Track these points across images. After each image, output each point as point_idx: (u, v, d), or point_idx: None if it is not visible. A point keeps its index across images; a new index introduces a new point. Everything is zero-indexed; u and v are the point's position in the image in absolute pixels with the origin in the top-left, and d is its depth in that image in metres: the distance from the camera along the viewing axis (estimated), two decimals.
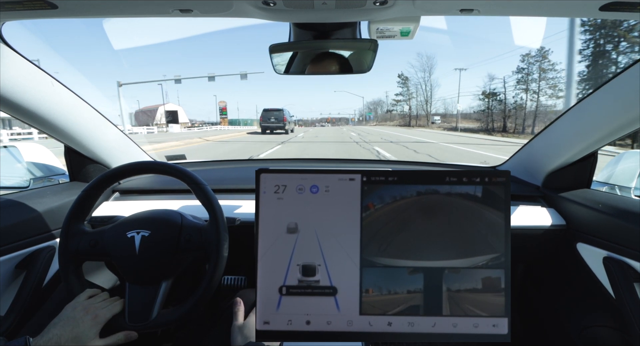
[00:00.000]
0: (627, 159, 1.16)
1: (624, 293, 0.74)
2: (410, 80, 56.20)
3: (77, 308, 0.61)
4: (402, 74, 58.08)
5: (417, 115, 54.67)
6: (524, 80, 31.29)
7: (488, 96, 34.78)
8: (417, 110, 54.53)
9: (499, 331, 0.50)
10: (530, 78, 30.90)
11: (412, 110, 55.84)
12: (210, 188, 0.72)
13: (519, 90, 31.67)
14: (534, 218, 0.94)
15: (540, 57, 30.22)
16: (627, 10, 0.58)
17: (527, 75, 31.06)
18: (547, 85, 29.70)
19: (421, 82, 54.60)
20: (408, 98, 56.87)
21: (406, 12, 0.65)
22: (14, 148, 1.17)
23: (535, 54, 30.38)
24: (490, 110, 34.27)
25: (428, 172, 0.52)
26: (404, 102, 58.05)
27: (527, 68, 31.11)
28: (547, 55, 29.78)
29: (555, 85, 29.08)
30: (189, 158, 1.58)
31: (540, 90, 30.02)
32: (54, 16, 0.65)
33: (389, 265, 0.51)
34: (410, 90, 56.34)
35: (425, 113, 52.29)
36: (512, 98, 32.52)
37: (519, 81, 31.69)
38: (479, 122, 36.69)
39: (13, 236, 0.78)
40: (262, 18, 0.68)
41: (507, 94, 33.00)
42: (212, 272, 0.67)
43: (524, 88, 31.17)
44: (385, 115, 74.10)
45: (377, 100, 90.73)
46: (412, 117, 55.46)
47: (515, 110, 31.59)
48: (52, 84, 0.84)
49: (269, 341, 0.53)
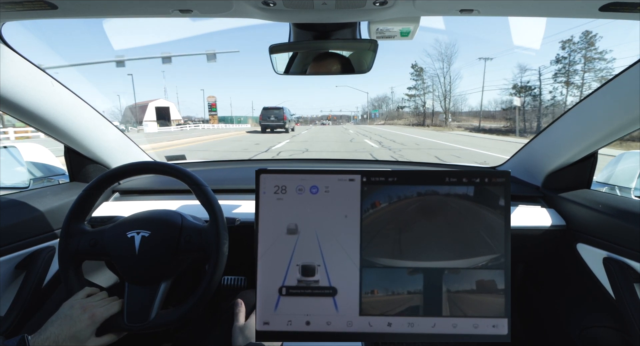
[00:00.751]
0: (627, 159, 1.16)
1: (624, 293, 0.74)
2: (425, 72, 47.43)
3: (74, 306, 0.61)
4: (416, 65, 48.28)
5: (432, 112, 44.99)
6: (565, 72, 26.59)
7: (521, 90, 29.40)
8: (433, 107, 45.29)
9: (499, 331, 0.50)
10: (572, 69, 26.24)
11: (426, 106, 46.72)
12: (210, 189, 0.72)
13: (558, 84, 26.94)
14: (534, 219, 0.94)
15: (586, 44, 25.40)
16: (627, 10, 0.58)
17: (569, 66, 26.40)
18: (595, 77, 24.74)
19: (439, 74, 47.49)
20: (423, 93, 47.57)
21: (406, 13, 0.65)
22: (14, 148, 1.17)
23: (579, 40, 25.76)
24: (522, 108, 27.83)
25: (428, 172, 0.52)
26: (418, 97, 48.56)
27: (569, 57, 26.28)
28: (595, 41, 24.99)
29: (605, 77, 23.46)
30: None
31: (584, 83, 25.48)
32: (54, 16, 0.65)
33: (388, 265, 0.51)
34: (425, 83, 47.17)
35: (443, 110, 42.64)
36: (549, 93, 27.88)
37: (558, 73, 26.92)
38: (506, 120, 30.73)
39: (13, 236, 0.78)
40: (262, 18, 0.68)
41: (543, 88, 28.00)
42: (212, 273, 0.67)
43: (564, 81, 26.57)
44: (392, 113, 66.19)
45: (381, 96, 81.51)
46: (427, 115, 45.85)
47: (554, 108, 26.94)
48: (52, 84, 0.84)
49: (269, 342, 0.53)
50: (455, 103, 46.18)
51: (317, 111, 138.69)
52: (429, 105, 46.22)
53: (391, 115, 66.65)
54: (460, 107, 47.50)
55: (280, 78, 10.71)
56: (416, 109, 49.69)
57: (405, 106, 54.34)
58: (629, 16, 0.61)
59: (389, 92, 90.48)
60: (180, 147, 12.41)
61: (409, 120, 52.22)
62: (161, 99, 56.91)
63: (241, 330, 0.67)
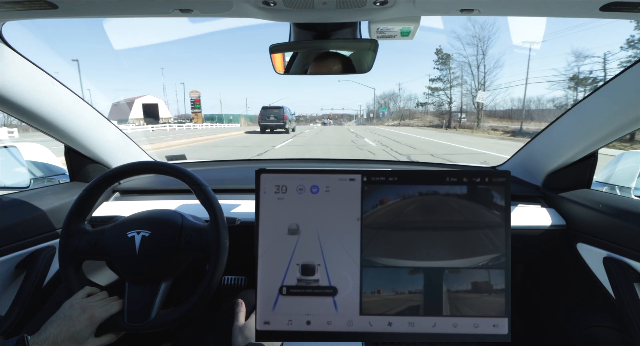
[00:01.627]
0: (627, 159, 1.16)
1: (624, 293, 0.74)
2: (453, 60, 36.37)
3: (74, 306, 0.61)
4: (440, 50, 37.03)
5: (460, 110, 34.34)
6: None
7: (581, 82, 23.32)
8: (461, 103, 34.54)
9: (499, 331, 0.50)
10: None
11: (452, 103, 35.52)
12: (210, 189, 0.72)
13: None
14: (534, 219, 0.94)
15: None
16: (628, 10, 0.58)
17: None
18: None
19: (470, 63, 35.87)
20: (449, 86, 36.18)
21: (406, 12, 0.65)
22: (14, 148, 1.17)
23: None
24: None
25: (428, 172, 0.52)
26: (443, 91, 36.85)
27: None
28: None
29: None
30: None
31: None
32: (54, 16, 0.65)
33: (389, 265, 0.51)
34: (453, 73, 35.83)
35: (477, 109, 31.81)
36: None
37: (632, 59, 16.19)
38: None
39: (13, 236, 0.78)
40: (262, 18, 0.68)
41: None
42: (212, 273, 0.67)
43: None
44: (404, 112, 55.87)
45: (387, 93, 71.55)
46: (450, 114, 35.14)
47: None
48: (52, 84, 0.84)
49: (269, 342, 0.53)
50: (494, 99, 35.10)
51: (317, 109, 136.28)
52: (455, 100, 35.18)
53: (401, 114, 56.60)
54: (498, 103, 36.55)
55: (277, 75, 10.32)
56: (440, 106, 37.94)
57: (426, 103, 42.27)
58: (629, 16, 0.61)
59: (397, 89, 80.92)
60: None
61: (425, 121, 42.95)
62: (149, 95, 52.61)
63: (241, 330, 0.68)
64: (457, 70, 36.45)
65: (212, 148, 10.77)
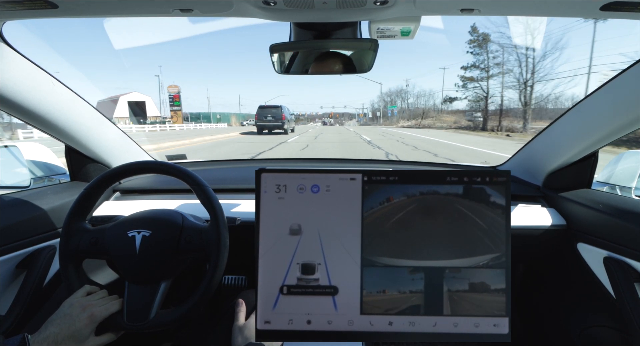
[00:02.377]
0: (627, 159, 1.16)
1: (625, 293, 0.74)
2: (492, 42, 26.37)
3: (74, 305, 0.61)
4: (475, 28, 27.36)
5: (500, 110, 24.92)
6: None
7: None
8: (502, 100, 24.73)
9: (500, 331, 0.50)
10: None
11: (487, 97, 26.06)
12: (211, 189, 0.72)
13: None
14: (535, 218, 0.94)
15: None
16: (628, 10, 0.58)
17: None
18: None
19: (515, 47, 24.14)
20: (487, 76, 26.86)
21: (407, 12, 0.65)
22: (14, 147, 1.17)
23: None
24: None
25: (429, 171, 0.52)
26: (478, 83, 27.47)
27: None
28: None
29: None
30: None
31: None
32: (54, 16, 0.65)
33: (389, 264, 0.51)
34: (491, 59, 26.14)
35: (524, 107, 22.66)
36: None
37: None
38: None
39: (14, 235, 0.78)
40: (262, 18, 0.68)
41: None
42: (212, 272, 0.67)
43: None
44: (416, 112, 47.24)
45: (394, 90, 63.95)
46: (490, 115, 25.85)
47: None
48: (52, 84, 0.84)
49: (269, 341, 0.53)
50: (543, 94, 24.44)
51: (316, 107, 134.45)
52: (494, 94, 25.67)
53: (422, 111, 46.63)
54: (547, 100, 24.95)
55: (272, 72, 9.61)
56: (478, 102, 28.22)
57: (456, 98, 31.91)
58: (629, 16, 0.61)
59: (404, 85, 73.44)
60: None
61: (447, 121, 34.27)
62: (135, 93, 47.15)
63: (241, 330, 0.68)
64: (499, 54, 26.38)
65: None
